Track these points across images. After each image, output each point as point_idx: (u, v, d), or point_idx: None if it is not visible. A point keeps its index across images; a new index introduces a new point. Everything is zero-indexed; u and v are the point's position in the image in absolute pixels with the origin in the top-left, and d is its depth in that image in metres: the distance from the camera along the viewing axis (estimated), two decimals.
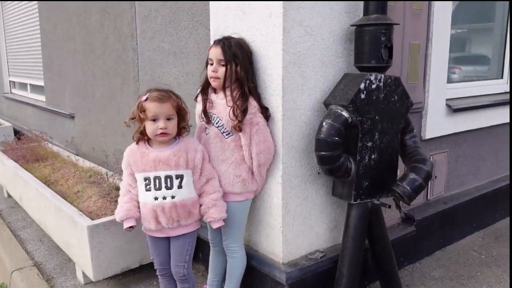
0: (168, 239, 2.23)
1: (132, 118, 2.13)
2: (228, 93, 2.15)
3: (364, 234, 2.34)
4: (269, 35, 2.14)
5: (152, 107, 2.00)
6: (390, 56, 2.20)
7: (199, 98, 2.31)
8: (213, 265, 2.47)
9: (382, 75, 2.20)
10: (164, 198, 2.07)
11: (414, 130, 2.47)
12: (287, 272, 2.25)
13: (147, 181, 2.07)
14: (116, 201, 2.78)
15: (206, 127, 2.24)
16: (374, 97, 2.18)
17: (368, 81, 2.15)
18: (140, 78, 3.52)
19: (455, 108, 3.14)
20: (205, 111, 2.22)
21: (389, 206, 2.36)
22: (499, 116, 3.63)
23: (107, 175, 3.39)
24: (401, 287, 2.55)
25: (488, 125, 3.54)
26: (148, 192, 2.08)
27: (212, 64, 2.17)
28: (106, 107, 4.20)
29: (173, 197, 2.07)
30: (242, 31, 2.29)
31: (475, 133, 3.46)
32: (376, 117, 2.22)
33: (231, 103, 2.12)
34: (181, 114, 2.08)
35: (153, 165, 2.05)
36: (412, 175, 2.26)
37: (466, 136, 3.39)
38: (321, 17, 2.21)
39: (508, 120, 3.70)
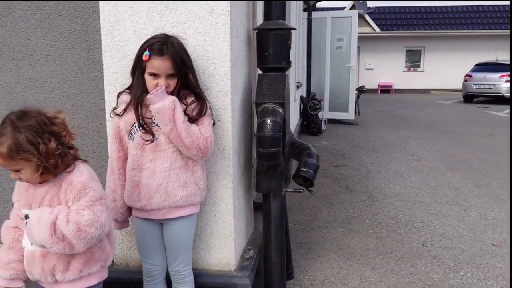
0: None
1: None
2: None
3: (284, 222, 2.54)
4: (210, 33, 2.02)
5: None
6: None
7: (126, 111, 1.90)
8: None
9: (289, 75, 2.46)
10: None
11: None
12: (245, 277, 2.19)
13: (27, 219, 1.57)
14: None
15: (150, 137, 1.87)
16: (287, 94, 2.41)
17: (286, 80, 2.36)
18: None
19: None
20: (143, 121, 1.86)
21: (303, 191, 2.64)
22: None
23: None
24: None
25: None
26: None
27: (156, 77, 1.82)
28: None
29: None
30: (163, 28, 2.03)
31: None
32: (286, 113, 2.45)
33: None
34: (34, 156, 1.50)
35: (31, 202, 1.60)
36: (311, 160, 2.62)
37: None
38: (240, 19, 2.24)
39: None
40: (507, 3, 20.71)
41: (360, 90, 12.66)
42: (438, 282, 2.92)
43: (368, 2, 19.16)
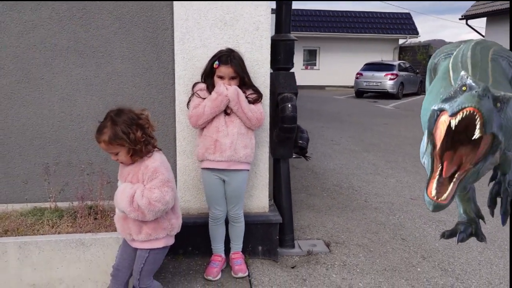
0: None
1: None
2: None
3: (290, 179, 3.47)
4: (256, 43, 2.87)
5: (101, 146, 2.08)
6: None
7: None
8: (220, 235, 2.87)
9: None
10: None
11: None
12: (277, 215, 3.10)
13: None
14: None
15: (226, 111, 2.68)
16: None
17: (295, 76, 3.29)
18: None
19: None
20: None
21: (301, 157, 3.59)
22: None
23: None
24: None
25: None
26: None
27: (222, 78, 2.64)
28: None
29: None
30: (222, 38, 2.84)
31: None
32: None
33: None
34: (127, 142, 2.01)
35: (120, 176, 2.20)
36: (304, 135, 3.58)
37: None
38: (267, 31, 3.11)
39: None
40: (392, 11, 23.86)
41: None
42: (384, 221, 4.09)
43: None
